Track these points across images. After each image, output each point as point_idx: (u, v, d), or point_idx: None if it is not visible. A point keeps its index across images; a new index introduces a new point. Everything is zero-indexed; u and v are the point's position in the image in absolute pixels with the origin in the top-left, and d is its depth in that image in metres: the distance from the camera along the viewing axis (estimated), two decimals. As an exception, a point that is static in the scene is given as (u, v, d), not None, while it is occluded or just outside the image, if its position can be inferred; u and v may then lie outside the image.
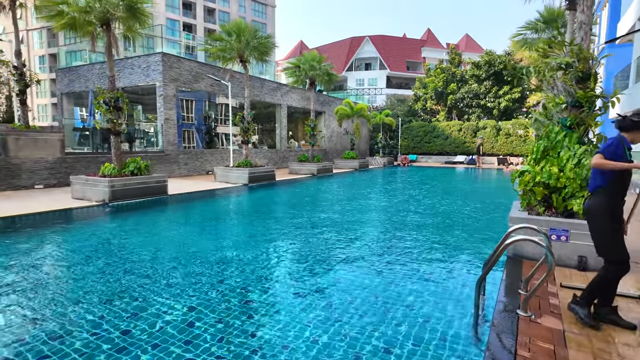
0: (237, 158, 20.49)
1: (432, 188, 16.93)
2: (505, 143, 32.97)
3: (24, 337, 3.55)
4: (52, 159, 13.44)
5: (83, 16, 10.69)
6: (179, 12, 53.60)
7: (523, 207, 6.09)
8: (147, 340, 3.47)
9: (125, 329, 3.68)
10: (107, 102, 11.07)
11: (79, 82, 21.34)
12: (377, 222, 9.48)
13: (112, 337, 3.52)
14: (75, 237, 7.46)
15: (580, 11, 5.68)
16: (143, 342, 3.45)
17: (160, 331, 3.65)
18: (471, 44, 69.21)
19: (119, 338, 3.51)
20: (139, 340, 3.47)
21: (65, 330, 3.68)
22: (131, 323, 3.81)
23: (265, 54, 16.88)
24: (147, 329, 3.70)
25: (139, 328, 3.71)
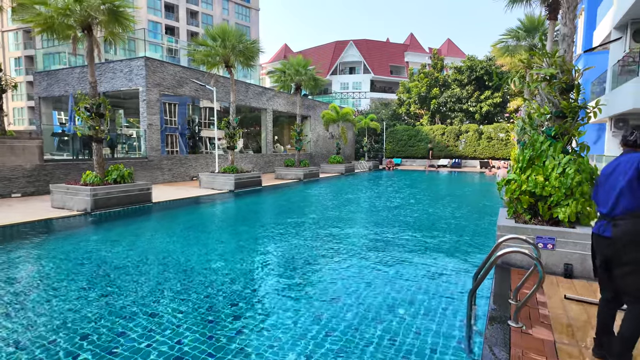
0: (222, 163, 20.27)
1: (420, 192, 17.09)
2: (487, 147, 33.63)
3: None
4: (30, 166, 13.01)
5: (63, 19, 10.40)
6: (161, 15, 52.85)
7: (510, 215, 6.19)
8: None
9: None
10: (89, 108, 10.78)
11: (58, 86, 20.76)
12: (366, 229, 9.50)
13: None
14: (55, 250, 7.21)
15: (562, 24, 5.83)
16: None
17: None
18: (453, 48, 70.48)
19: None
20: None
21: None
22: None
23: (251, 59, 16.78)
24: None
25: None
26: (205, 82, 18.99)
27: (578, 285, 4.90)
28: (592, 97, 17.59)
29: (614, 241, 2.91)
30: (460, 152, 34.83)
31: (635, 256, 2.82)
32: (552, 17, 10.58)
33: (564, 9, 5.76)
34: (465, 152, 34.62)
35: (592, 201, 5.47)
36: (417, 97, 39.41)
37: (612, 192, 2.99)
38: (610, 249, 2.94)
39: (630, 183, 2.86)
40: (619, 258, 2.89)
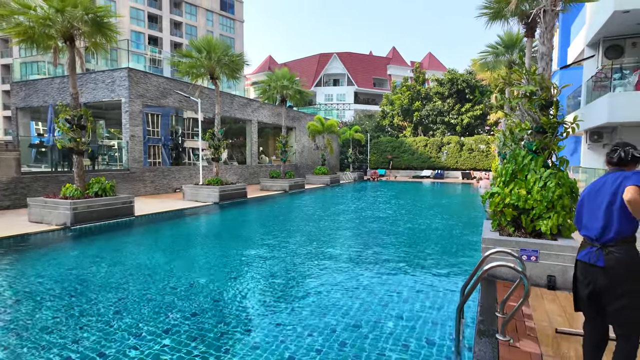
0: (206, 175, 20.05)
1: (406, 203, 17.26)
2: (468, 158, 34.34)
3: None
4: (6, 179, 12.58)
5: (44, 30, 10.21)
6: (144, 25, 52.50)
7: (494, 228, 6.32)
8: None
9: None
10: (70, 120, 10.56)
11: (37, 97, 20.27)
12: (353, 241, 9.51)
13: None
14: (32, 268, 6.96)
15: (541, 43, 6.07)
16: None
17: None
18: (434, 62, 72.16)
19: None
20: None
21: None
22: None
23: (236, 71, 16.80)
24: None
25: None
26: (189, 93, 18.87)
27: (561, 296, 5.02)
28: (568, 110, 18.24)
29: (607, 271, 2.65)
30: (443, 163, 35.44)
31: (632, 288, 2.59)
32: (530, 34, 11.01)
33: (542, 29, 6.01)
34: (448, 163, 35.25)
35: (573, 216, 5.66)
36: (400, 109, 40.09)
37: (598, 214, 2.74)
38: (603, 279, 2.67)
39: (623, 205, 2.59)
40: (614, 290, 2.63)
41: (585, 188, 2.99)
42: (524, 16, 10.33)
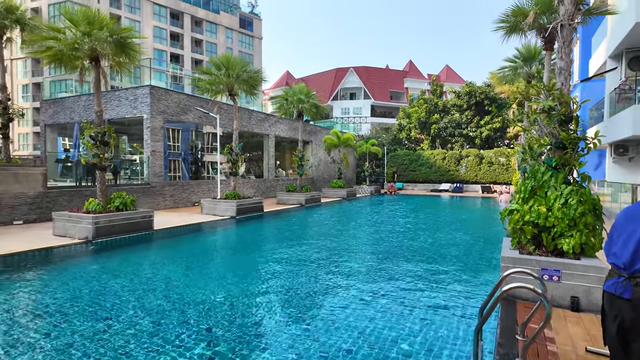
0: (224, 188, 20.32)
1: (423, 218, 17.02)
2: (488, 171, 33.72)
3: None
4: (33, 193, 13.07)
5: (71, 52, 10.69)
6: (167, 43, 54.33)
7: (514, 246, 6.15)
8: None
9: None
10: (94, 136, 10.94)
11: (64, 114, 21.12)
12: (370, 257, 9.42)
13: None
14: (53, 282, 7.15)
15: (559, 58, 5.98)
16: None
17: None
18: (451, 74, 71.82)
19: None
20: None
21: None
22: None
23: (254, 87, 17.14)
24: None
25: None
26: (208, 109, 19.31)
27: (585, 319, 4.81)
28: (591, 122, 17.77)
29: (634, 304, 2.41)
30: (462, 176, 34.90)
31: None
32: (548, 47, 10.85)
33: (560, 43, 5.92)
34: (467, 176, 34.69)
35: (597, 234, 5.47)
36: (417, 122, 39.90)
37: (629, 242, 2.51)
38: (630, 313, 2.44)
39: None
40: None
41: (620, 212, 2.79)
42: (542, 30, 10.21)
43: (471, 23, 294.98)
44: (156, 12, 53.19)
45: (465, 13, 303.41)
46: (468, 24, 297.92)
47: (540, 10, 9.99)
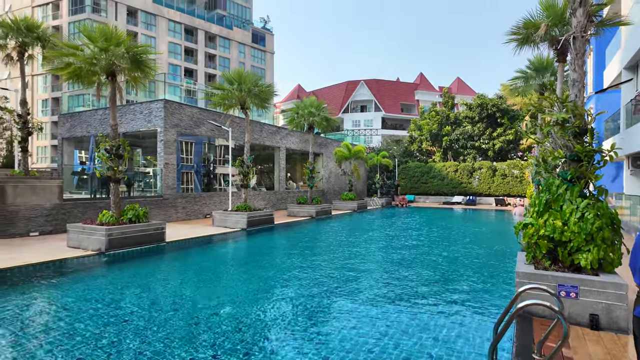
0: (235, 200, 20.44)
1: (435, 231, 16.80)
2: (501, 184, 33.23)
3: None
4: (49, 205, 13.33)
5: (89, 67, 11.00)
6: (181, 58, 55.57)
7: (529, 260, 6.00)
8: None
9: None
10: (109, 150, 11.16)
11: (81, 127, 21.65)
12: (382, 272, 9.29)
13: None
14: (65, 295, 7.21)
15: (572, 70, 5.91)
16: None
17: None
18: (463, 86, 71.65)
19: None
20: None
21: None
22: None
23: (266, 101, 17.35)
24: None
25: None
26: (221, 123, 19.57)
27: (605, 338, 4.64)
28: (607, 134, 17.44)
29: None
30: (475, 189, 34.46)
31: None
32: (561, 59, 10.75)
33: (573, 55, 5.86)
34: (480, 189, 34.24)
35: (615, 249, 5.30)
36: (428, 134, 39.73)
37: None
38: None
39: None
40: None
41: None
42: (554, 41, 10.15)
43: (482, 35, 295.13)
44: (171, 29, 54.61)
45: (476, 25, 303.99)
46: (479, 36, 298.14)
47: (551, 23, 9.94)
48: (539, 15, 10.52)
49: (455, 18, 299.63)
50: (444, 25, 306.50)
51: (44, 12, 49.07)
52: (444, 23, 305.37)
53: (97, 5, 47.03)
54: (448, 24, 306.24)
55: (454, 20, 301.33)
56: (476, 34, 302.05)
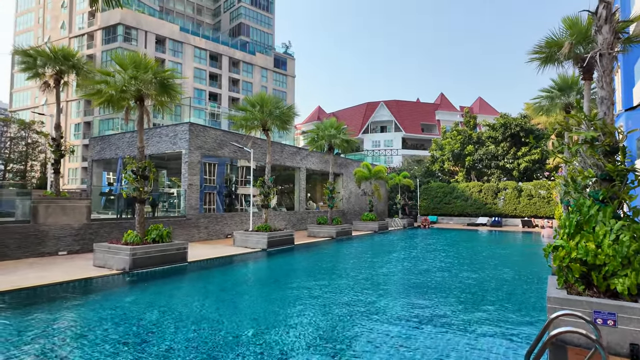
0: (256, 221, 20.55)
1: (461, 254, 16.32)
2: (528, 204, 32.20)
3: None
4: (77, 225, 13.76)
5: (119, 94, 11.51)
6: (206, 83, 57.59)
7: (561, 285, 5.71)
8: None
9: None
10: (135, 171, 11.51)
11: (110, 150, 22.51)
12: (405, 296, 9.05)
13: None
14: (89, 314, 7.33)
15: (599, 87, 5.75)
16: None
17: None
18: (485, 106, 70.91)
19: None
20: None
21: None
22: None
23: (287, 122, 17.65)
24: None
25: None
26: (243, 144, 19.96)
27: (650, 371, 4.30)
28: (639, 153, 16.73)
29: None
30: (500, 209, 33.50)
31: None
32: (587, 77, 10.51)
33: (600, 72, 5.72)
34: (505, 210, 33.26)
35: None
36: (450, 154, 39.21)
37: None
38: None
39: None
40: None
41: None
42: (579, 59, 9.95)
43: (504, 55, 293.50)
44: (197, 55, 56.89)
45: (497, 45, 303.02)
46: (500, 55, 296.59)
47: (576, 41, 9.78)
48: (562, 33, 10.38)
49: (475, 38, 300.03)
50: (464, 45, 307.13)
51: (80, 42, 52.15)
52: (464, 43, 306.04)
53: (128, 35, 49.65)
54: (467, 44, 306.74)
55: (473, 40, 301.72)
56: (497, 54, 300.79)
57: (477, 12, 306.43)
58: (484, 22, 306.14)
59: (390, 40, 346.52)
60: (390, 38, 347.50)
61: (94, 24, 51.01)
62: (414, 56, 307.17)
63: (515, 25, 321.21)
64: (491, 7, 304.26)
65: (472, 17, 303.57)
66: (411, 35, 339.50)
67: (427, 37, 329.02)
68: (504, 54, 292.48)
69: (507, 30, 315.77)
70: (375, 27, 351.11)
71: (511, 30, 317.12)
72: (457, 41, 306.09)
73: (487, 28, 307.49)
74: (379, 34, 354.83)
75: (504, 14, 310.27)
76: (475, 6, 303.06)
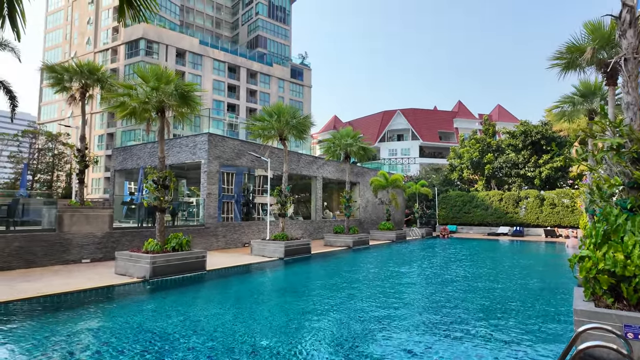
0: (273, 229, 20.63)
1: (482, 264, 15.96)
2: (551, 214, 31.30)
3: None
4: (100, 233, 14.11)
5: (142, 106, 11.84)
6: (224, 94, 58.73)
7: (587, 297, 5.50)
8: None
9: None
10: (156, 180, 11.76)
11: (132, 160, 23.10)
12: (426, 308, 8.88)
13: None
14: (110, 322, 7.46)
15: (625, 92, 5.59)
16: None
17: None
18: (504, 113, 69.79)
19: None
20: None
21: None
22: None
23: (303, 132, 17.78)
24: None
25: None
26: (260, 153, 20.18)
27: (687, 389, 4.07)
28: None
29: None
30: (522, 219, 32.67)
31: None
32: (611, 82, 10.24)
33: (625, 77, 5.56)
34: (527, 219, 32.41)
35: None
36: (469, 163, 38.59)
37: None
38: None
39: None
40: None
41: None
42: (602, 64, 9.72)
43: (523, 61, 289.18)
44: (216, 67, 58.18)
45: (515, 52, 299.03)
46: (519, 62, 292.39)
47: (598, 45, 9.57)
48: (584, 38, 10.17)
49: (492, 45, 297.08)
50: (481, 53, 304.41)
51: (104, 57, 54.10)
52: (482, 51, 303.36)
53: (150, 49, 51.24)
54: (486, 52, 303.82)
55: (491, 47, 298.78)
56: (516, 61, 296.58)
57: (495, 21, 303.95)
58: (501, 31, 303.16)
59: (406, 49, 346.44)
60: (406, 47, 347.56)
61: (117, 39, 52.92)
62: (431, 64, 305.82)
63: (534, 32, 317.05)
64: (508, 16, 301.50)
65: (489, 26, 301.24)
66: (427, 44, 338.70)
67: (444, 45, 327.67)
68: (523, 61, 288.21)
69: (525, 37, 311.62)
70: (392, 36, 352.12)
71: (530, 37, 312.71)
72: (475, 49, 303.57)
73: (505, 36, 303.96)
74: (395, 43, 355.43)
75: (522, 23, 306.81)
76: (492, 15, 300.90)
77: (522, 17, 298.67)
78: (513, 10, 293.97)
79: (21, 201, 13.84)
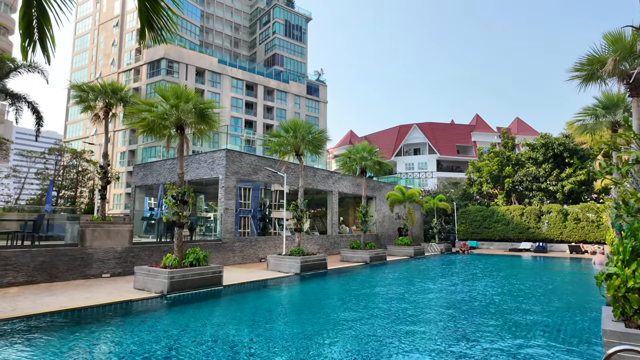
0: (289, 244, 20.59)
1: (505, 282, 15.48)
2: (575, 229, 30.27)
3: None
4: (120, 248, 14.36)
5: (161, 122, 12.18)
6: (242, 111, 59.86)
7: (617, 317, 5.24)
8: None
9: None
10: (175, 196, 11.96)
11: (152, 176, 23.62)
12: (447, 329, 8.64)
13: None
14: (127, 338, 7.51)
15: (649, 104, 5.42)
16: None
17: None
18: (523, 126, 68.64)
19: None
20: None
21: None
22: None
23: (319, 147, 17.87)
24: None
25: None
26: (277, 169, 20.35)
27: None
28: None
29: None
30: (544, 234, 31.70)
31: None
32: (635, 94, 9.95)
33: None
34: (550, 234, 31.43)
35: None
36: (488, 176, 37.90)
37: None
38: None
39: None
40: None
41: None
42: (625, 76, 9.49)
43: (541, 74, 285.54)
44: (234, 85, 59.53)
45: (533, 65, 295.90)
46: (537, 75, 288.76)
47: (620, 57, 9.36)
48: (604, 50, 9.98)
49: (510, 59, 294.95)
50: (499, 67, 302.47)
51: (127, 77, 56.12)
52: (499, 65, 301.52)
53: (171, 68, 52.90)
54: (504, 66, 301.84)
55: (509, 61, 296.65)
56: (534, 74, 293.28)
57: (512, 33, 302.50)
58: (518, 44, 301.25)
59: (423, 64, 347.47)
60: (423, 62, 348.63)
61: (140, 59, 54.92)
62: (448, 78, 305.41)
63: (552, 46, 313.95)
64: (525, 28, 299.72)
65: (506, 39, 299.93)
66: (444, 58, 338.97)
67: (462, 59, 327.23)
68: (542, 75, 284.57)
69: (543, 50, 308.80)
70: (408, 50, 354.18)
71: (547, 51, 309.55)
72: (492, 64, 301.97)
73: (522, 50, 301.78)
74: (411, 58, 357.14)
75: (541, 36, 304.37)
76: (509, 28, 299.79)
77: (540, 30, 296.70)
78: (530, 23, 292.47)
79: (46, 217, 14.26)
